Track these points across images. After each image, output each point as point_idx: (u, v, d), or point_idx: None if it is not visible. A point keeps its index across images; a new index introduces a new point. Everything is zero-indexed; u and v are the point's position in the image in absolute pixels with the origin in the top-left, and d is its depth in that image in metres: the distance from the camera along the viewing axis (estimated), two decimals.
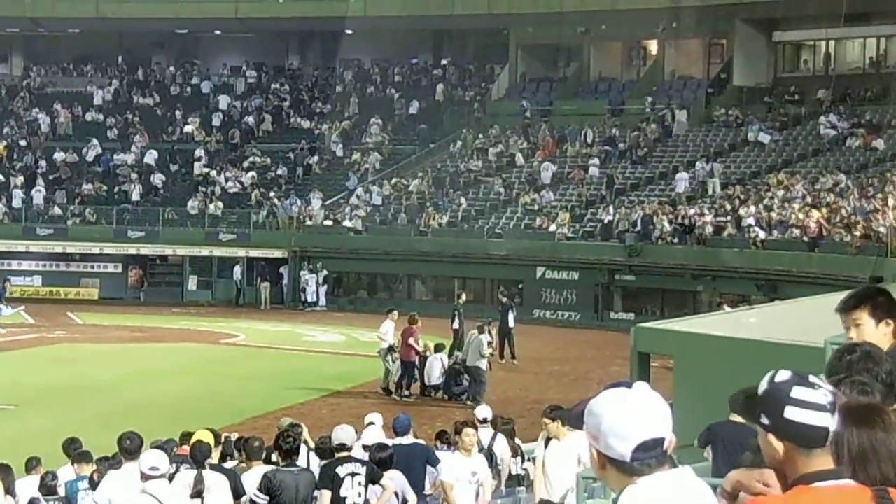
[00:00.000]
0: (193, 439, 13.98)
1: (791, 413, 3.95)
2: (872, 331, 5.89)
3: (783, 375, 4.05)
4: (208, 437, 13.88)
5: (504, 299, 38.46)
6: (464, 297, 39.01)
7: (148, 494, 11.40)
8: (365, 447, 14.72)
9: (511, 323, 37.08)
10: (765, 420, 4.00)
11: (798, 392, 3.96)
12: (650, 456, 3.76)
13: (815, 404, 3.96)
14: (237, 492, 13.15)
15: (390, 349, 30.93)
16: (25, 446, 17.96)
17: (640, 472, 3.75)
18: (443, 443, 17.67)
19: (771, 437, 3.97)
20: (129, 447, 12.97)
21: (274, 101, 66.43)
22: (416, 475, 15.65)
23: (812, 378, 4.03)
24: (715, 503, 3.78)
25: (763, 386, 4.05)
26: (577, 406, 4.07)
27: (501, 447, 17.07)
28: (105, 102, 66.78)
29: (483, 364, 29.73)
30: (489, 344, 31.32)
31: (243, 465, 14.47)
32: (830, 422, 3.98)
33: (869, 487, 4.09)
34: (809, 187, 45.32)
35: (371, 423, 16.62)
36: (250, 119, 64.87)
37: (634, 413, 3.78)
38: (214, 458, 13.77)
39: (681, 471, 3.83)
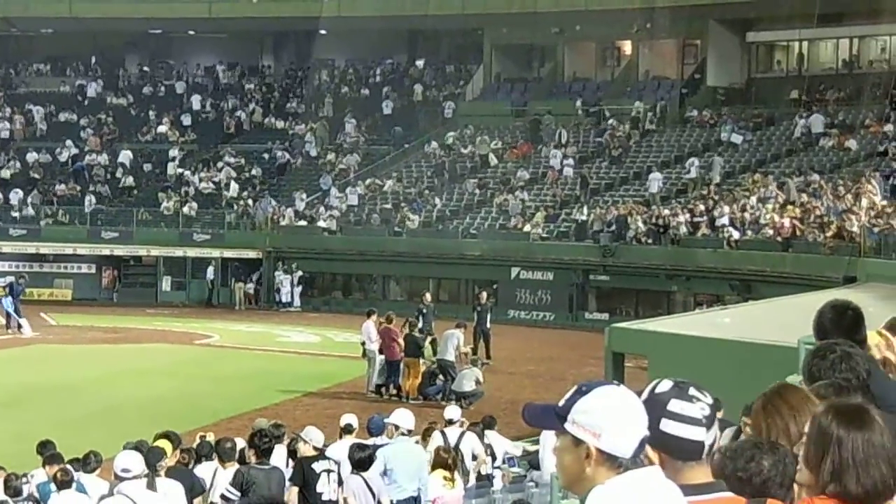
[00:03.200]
0: (150, 444, 14.08)
1: (666, 425, 3.97)
2: None
3: (664, 386, 4.05)
4: (164, 444, 13.95)
5: (483, 300, 38.48)
6: (428, 296, 38.78)
7: (122, 495, 11.37)
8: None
9: (488, 324, 37.24)
10: None
11: (675, 405, 3.98)
12: (643, 451, 3.79)
13: (690, 418, 3.98)
14: (194, 490, 13.29)
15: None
16: None
17: (631, 469, 3.76)
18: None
19: (647, 448, 3.97)
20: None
21: (248, 102, 66.33)
22: None
23: (692, 391, 4.03)
24: (681, 502, 3.79)
25: (644, 395, 4.04)
26: (535, 405, 4.01)
27: (471, 445, 17.11)
28: (79, 103, 66.59)
29: (451, 357, 29.99)
30: (472, 351, 31.46)
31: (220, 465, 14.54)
32: (706, 436, 4.00)
33: (745, 499, 4.10)
34: (783, 187, 45.47)
35: (348, 424, 16.61)
36: (224, 119, 64.78)
37: (636, 409, 3.81)
38: (172, 461, 13.78)
39: (649, 469, 3.84)
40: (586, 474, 3.78)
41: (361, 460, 13.96)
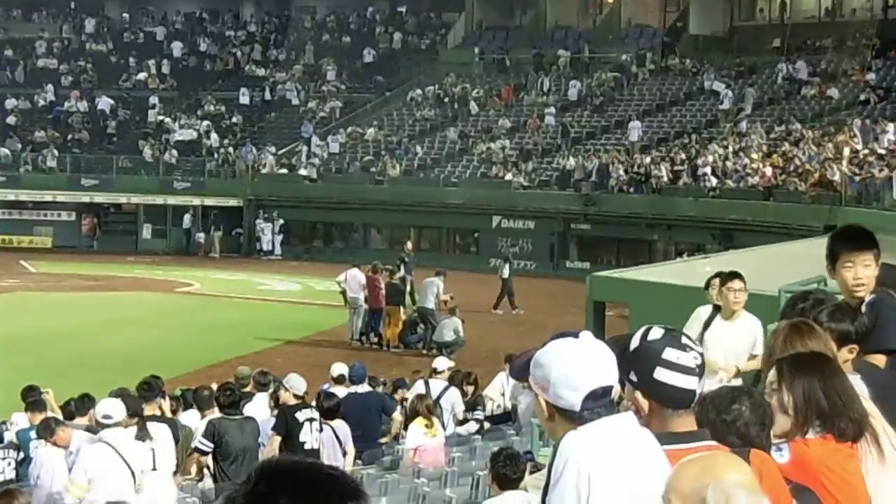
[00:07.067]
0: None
1: (660, 374, 3.96)
2: (874, 272, 5.80)
3: (656, 334, 4.03)
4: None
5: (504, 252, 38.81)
6: (409, 245, 38.81)
7: (104, 443, 11.32)
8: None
9: (505, 274, 37.23)
10: (633, 377, 3.99)
11: (670, 354, 3.96)
12: (599, 405, 3.78)
13: (684, 367, 3.97)
14: (176, 438, 13.32)
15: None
16: None
17: (588, 421, 3.76)
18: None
19: (637, 394, 3.97)
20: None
21: (228, 49, 65.93)
22: (372, 423, 15.73)
23: (684, 339, 4.03)
24: (655, 447, 3.79)
25: (635, 342, 4.02)
26: (521, 357, 4.06)
27: (451, 401, 17.16)
28: (58, 49, 66.10)
29: (431, 304, 30.07)
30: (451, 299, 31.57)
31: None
32: (697, 385, 3.99)
33: (730, 448, 4.11)
34: (764, 136, 45.45)
35: (341, 375, 16.60)
36: (205, 66, 64.42)
37: (583, 363, 3.79)
38: (162, 408, 13.74)
39: (623, 416, 3.83)
40: (551, 424, 3.85)
41: (330, 409, 13.98)
